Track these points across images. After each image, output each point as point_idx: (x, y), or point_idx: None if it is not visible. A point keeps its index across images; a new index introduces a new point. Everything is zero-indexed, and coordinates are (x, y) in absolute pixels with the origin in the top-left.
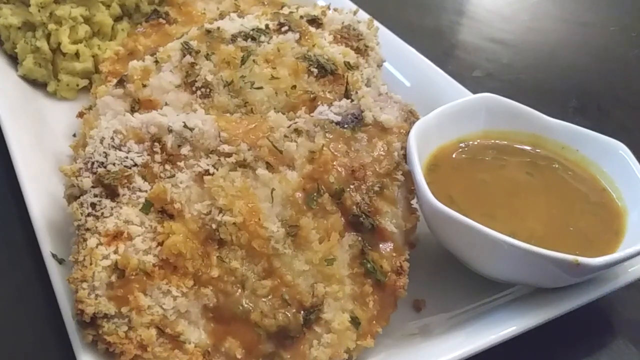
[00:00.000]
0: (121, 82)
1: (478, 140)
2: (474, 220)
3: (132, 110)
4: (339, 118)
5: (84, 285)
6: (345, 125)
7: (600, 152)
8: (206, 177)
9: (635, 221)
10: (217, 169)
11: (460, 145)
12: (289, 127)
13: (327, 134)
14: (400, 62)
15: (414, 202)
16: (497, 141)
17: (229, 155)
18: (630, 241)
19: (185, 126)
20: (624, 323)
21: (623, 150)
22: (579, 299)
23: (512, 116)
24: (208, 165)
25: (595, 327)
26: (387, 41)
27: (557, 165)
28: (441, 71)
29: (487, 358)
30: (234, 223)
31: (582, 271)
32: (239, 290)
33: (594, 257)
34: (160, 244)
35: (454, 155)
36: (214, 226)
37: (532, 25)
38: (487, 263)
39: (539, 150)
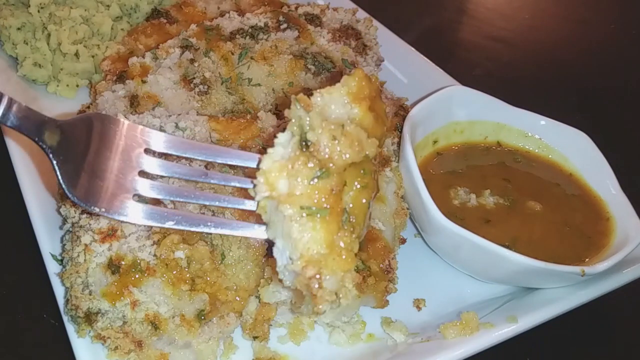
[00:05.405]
0: (121, 78)
1: (451, 148)
2: (474, 227)
3: (131, 107)
4: None
5: (78, 281)
6: None
7: (561, 139)
8: None
9: (616, 202)
10: (209, 170)
11: (438, 155)
12: (279, 126)
13: None
14: (397, 59)
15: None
16: (464, 144)
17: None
18: (623, 225)
19: (177, 127)
20: (623, 322)
21: (584, 137)
22: (579, 299)
23: (478, 106)
24: (200, 165)
25: (594, 326)
26: (384, 38)
27: (519, 159)
28: (438, 68)
29: (487, 358)
30: None
31: (586, 278)
32: (231, 292)
33: (595, 254)
34: (156, 242)
35: (432, 171)
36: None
37: (532, 23)
38: (492, 275)
39: (502, 146)
